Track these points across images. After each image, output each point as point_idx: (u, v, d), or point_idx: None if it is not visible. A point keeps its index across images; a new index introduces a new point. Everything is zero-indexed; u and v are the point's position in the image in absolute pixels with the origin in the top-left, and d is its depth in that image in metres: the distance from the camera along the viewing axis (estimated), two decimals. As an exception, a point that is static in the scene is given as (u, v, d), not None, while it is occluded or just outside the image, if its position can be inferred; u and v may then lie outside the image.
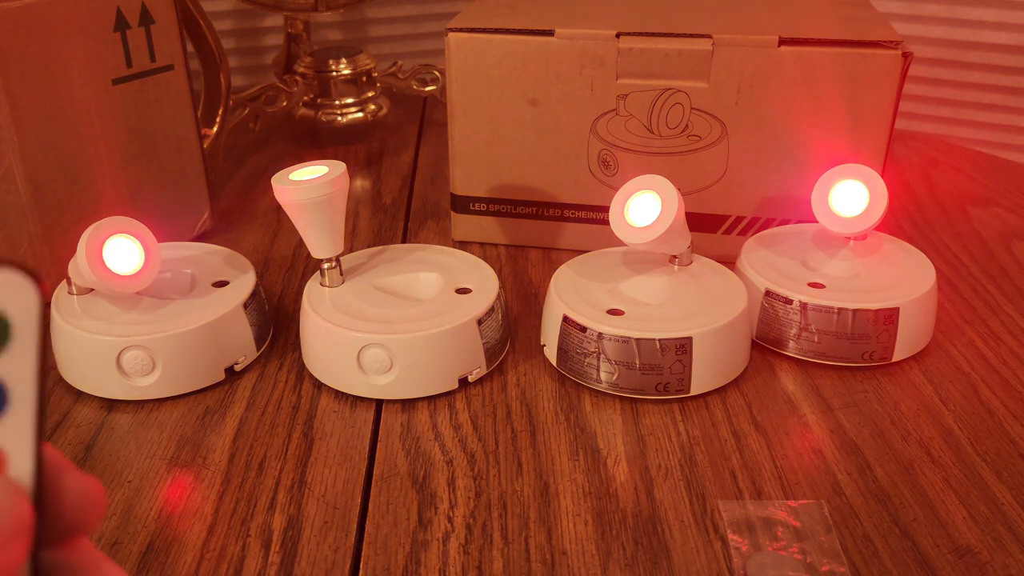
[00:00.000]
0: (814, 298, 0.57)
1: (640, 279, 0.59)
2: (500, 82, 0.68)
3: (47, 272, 0.63)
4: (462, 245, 0.74)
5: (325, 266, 0.58)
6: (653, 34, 0.65)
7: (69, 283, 0.57)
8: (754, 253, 0.62)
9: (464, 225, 0.74)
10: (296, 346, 0.60)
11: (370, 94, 0.96)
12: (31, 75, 0.59)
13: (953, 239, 0.75)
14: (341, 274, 0.58)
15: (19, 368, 0.22)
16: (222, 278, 0.60)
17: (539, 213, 0.72)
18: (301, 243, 0.72)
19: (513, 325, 0.63)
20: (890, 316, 0.56)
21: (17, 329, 0.22)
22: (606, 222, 0.60)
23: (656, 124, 0.67)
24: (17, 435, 0.22)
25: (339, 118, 0.94)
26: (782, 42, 0.63)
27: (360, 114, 0.95)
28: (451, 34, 0.67)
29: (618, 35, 0.65)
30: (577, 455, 0.51)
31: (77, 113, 0.62)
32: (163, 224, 0.60)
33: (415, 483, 0.49)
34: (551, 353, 0.58)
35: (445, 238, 0.76)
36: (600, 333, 0.54)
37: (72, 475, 0.23)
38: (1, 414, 0.22)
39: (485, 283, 0.58)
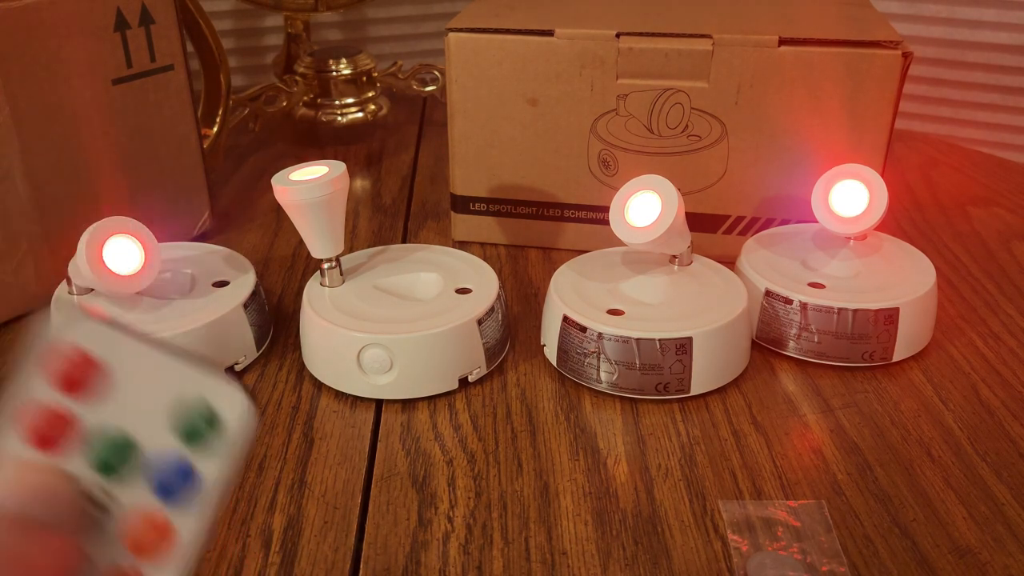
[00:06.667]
0: (814, 298, 0.57)
1: (640, 279, 0.59)
2: (500, 82, 0.68)
3: (47, 272, 0.63)
4: (462, 245, 0.74)
5: (325, 266, 0.58)
6: (653, 34, 0.65)
7: (69, 283, 0.57)
8: (754, 253, 0.62)
9: (464, 225, 0.74)
10: (296, 346, 0.60)
11: (370, 94, 0.96)
12: (31, 75, 0.59)
13: (953, 239, 0.75)
14: (341, 274, 0.58)
15: (216, 469, 0.26)
16: (222, 278, 0.60)
17: (539, 213, 0.72)
18: (301, 243, 0.72)
19: (513, 325, 0.63)
20: (890, 316, 0.56)
21: (227, 436, 0.26)
22: (606, 222, 0.60)
23: (656, 124, 0.67)
24: (194, 523, 0.25)
25: (339, 118, 0.94)
26: (782, 42, 0.63)
27: (360, 114, 0.95)
28: (451, 34, 0.67)
29: (618, 35, 0.65)
30: (577, 455, 0.51)
31: (77, 113, 0.62)
32: (163, 224, 0.60)
33: (415, 483, 0.49)
34: (551, 353, 0.58)
35: (445, 238, 0.76)
36: (600, 333, 0.54)
37: None
38: (192, 499, 0.25)
39: (485, 283, 0.58)
